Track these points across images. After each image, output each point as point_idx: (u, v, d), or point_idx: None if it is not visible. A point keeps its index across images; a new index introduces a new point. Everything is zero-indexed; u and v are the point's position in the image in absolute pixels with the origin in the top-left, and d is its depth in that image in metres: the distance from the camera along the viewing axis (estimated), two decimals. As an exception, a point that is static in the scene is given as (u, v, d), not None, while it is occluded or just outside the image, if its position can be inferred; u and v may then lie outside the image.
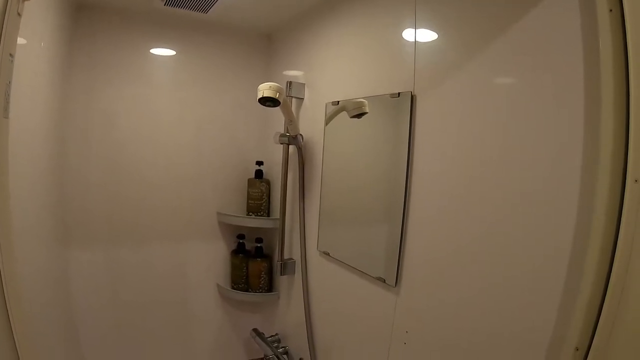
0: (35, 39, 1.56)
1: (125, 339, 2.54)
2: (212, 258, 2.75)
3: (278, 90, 1.89)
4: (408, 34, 1.61)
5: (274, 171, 2.59)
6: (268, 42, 2.77)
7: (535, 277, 1.14)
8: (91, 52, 2.33)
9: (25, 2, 1.19)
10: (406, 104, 1.56)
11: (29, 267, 1.50)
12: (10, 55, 1.13)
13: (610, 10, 0.95)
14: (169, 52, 2.56)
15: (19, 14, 1.15)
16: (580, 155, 1.04)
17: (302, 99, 2.34)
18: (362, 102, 1.81)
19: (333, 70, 2.11)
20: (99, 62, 2.36)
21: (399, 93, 1.61)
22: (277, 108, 2.00)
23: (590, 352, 0.97)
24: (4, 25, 1.08)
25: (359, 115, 1.82)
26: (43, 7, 1.62)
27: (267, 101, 1.91)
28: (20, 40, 1.32)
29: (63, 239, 2.31)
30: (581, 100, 1.04)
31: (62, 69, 2.15)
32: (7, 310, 1.15)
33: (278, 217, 2.45)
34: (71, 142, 2.31)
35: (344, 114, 1.94)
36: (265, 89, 1.88)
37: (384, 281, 1.66)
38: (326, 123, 2.07)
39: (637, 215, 0.90)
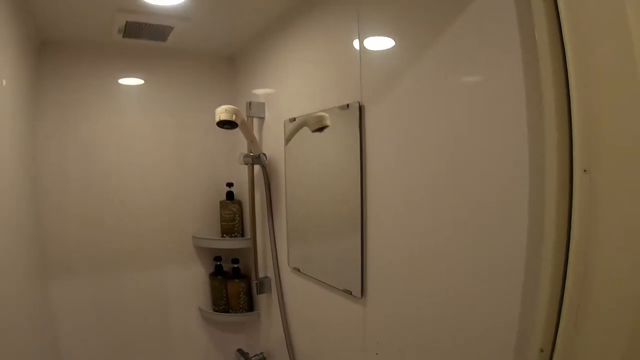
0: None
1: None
2: (191, 282, 2.63)
3: (234, 112, 1.79)
4: (353, 47, 1.53)
5: (244, 192, 2.49)
6: (231, 64, 2.68)
7: (494, 280, 1.06)
8: (60, 87, 2.28)
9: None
10: (355, 115, 1.48)
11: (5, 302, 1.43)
12: None
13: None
14: (137, 81, 2.50)
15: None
16: (527, 153, 0.96)
17: (264, 118, 2.25)
18: (322, 115, 1.72)
19: (289, 88, 2.03)
20: (69, 96, 2.30)
21: (347, 104, 1.52)
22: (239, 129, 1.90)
23: (554, 352, 0.88)
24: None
25: (321, 129, 1.72)
26: (1, 47, 1.51)
27: (224, 124, 1.82)
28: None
29: (44, 270, 2.23)
30: (522, 95, 0.96)
31: (29, 105, 2.07)
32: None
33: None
34: (47, 175, 2.26)
35: (304, 129, 1.85)
36: (221, 113, 1.79)
37: (351, 293, 1.56)
38: (287, 140, 1.97)
39: (590, 208, 0.81)
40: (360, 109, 1.47)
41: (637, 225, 0.74)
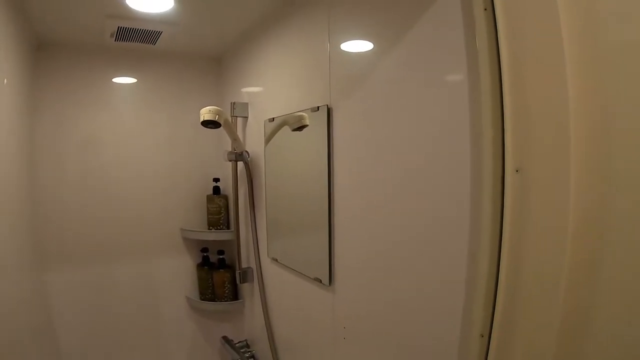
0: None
1: (103, 353, 2.46)
2: (180, 272, 2.67)
3: (217, 112, 1.83)
4: (324, 52, 1.57)
5: (230, 187, 2.52)
6: (217, 65, 2.72)
7: (443, 271, 1.11)
8: (56, 86, 2.31)
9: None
10: (324, 117, 1.52)
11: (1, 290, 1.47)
12: None
13: (485, 9, 0.92)
14: (130, 80, 2.53)
15: None
16: (469, 156, 1.00)
17: (247, 117, 2.28)
18: (302, 115, 1.75)
19: (269, 89, 2.07)
20: (65, 95, 2.33)
21: (318, 107, 1.57)
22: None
23: (492, 337, 0.92)
24: None
25: (300, 128, 1.76)
26: (1, 47, 1.55)
27: (208, 124, 1.85)
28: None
29: (40, 260, 2.27)
30: (466, 98, 1.00)
31: (28, 103, 2.11)
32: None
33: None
34: (44, 170, 2.29)
35: (284, 128, 1.88)
36: (205, 113, 1.83)
37: (320, 281, 1.61)
38: (267, 140, 2.01)
39: (521, 205, 0.85)
40: (329, 111, 1.51)
41: (563, 220, 0.79)
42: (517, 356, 0.88)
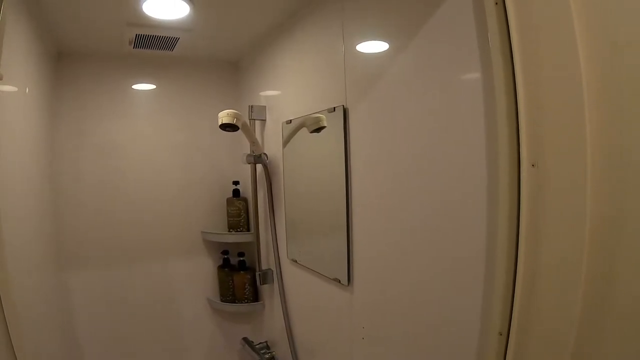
0: (20, 86, 1.55)
1: (124, 354, 2.49)
2: (200, 274, 2.70)
3: (235, 116, 1.84)
4: (339, 54, 1.58)
5: (249, 189, 2.54)
6: (235, 69, 2.75)
7: (459, 270, 1.11)
8: (77, 93, 2.36)
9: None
10: (340, 117, 1.53)
11: (25, 291, 1.49)
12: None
13: (496, 4, 0.91)
14: (149, 86, 2.57)
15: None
16: (485, 152, 1.00)
17: (265, 120, 2.30)
18: (320, 117, 1.76)
19: (286, 92, 2.09)
20: (86, 101, 2.38)
21: (334, 108, 1.58)
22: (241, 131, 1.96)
23: (510, 335, 0.92)
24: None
25: (318, 130, 1.76)
26: (23, 57, 1.59)
27: (226, 127, 1.87)
28: (11, 88, 1.36)
29: (61, 261, 2.31)
30: (480, 93, 1.00)
31: (49, 110, 2.16)
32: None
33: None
34: (64, 175, 2.33)
35: (302, 130, 1.89)
36: (223, 117, 1.85)
37: (339, 281, 1.62)
38: (285, 142, 2.02)
39: (538, 200, 0.84)
40: (345, 111, 1.52)
41: (580, 215, 0.78)
42: (536, 354, 0.87)
